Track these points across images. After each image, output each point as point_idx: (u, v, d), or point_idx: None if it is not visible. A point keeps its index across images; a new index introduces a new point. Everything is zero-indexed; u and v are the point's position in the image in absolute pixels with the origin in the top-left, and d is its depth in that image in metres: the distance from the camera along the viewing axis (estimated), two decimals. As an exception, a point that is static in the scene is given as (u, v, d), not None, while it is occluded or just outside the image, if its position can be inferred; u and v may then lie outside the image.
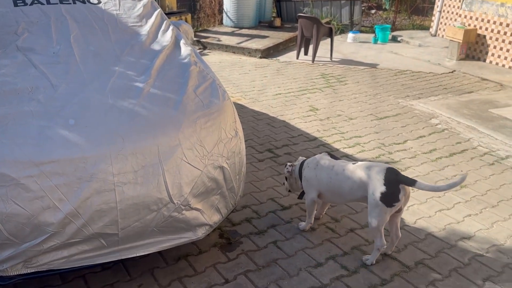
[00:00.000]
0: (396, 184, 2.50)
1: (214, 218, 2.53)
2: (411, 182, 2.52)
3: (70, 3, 3.11)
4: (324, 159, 2.87)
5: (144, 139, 2.19)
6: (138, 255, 2.29)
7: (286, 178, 3.13)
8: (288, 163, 3.08)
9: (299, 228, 3.04)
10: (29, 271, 2.08)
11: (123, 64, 2.68)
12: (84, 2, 3.16)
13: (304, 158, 3.07)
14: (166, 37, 3.07)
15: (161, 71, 2.67)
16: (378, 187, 2.51)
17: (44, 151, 2.03)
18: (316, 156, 2.96)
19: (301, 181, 2.97)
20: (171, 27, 3.24)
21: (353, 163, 2.75)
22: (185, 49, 2.99)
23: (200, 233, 2.44)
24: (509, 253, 2.87)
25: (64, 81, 2.43)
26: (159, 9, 3.41)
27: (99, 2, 3.21)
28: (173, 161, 2.24)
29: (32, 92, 2.30)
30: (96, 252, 2.17)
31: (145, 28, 3.13)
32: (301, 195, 3.04)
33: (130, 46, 2.90)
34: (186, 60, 2.86)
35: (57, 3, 3.07)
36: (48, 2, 3.06)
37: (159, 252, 2.69)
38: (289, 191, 3.19)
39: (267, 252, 2.81)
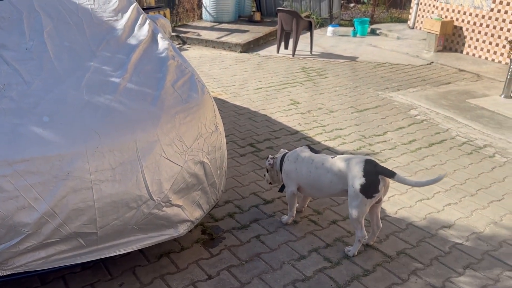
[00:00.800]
0: (375, 175, 2.52)
1: (196, 214, 2.50)
2: (390, 174, 2.53)
3: (43, -2, 3.02)
4: (305, 153, 2.87)
5: (121, 135, 2.15)
6: (118, 253, 2.25)
7: (267, 171, 3.13)
8: (270, 156, 3.07)
9: (281, 222, 3.03)
10: (5, 273, 2.02)
11: (98, 59, 2.62)
12: (57, -3, 3.07)
13: (286, 151, 3.06)
14: (142, 31, 3.01)
15: (138, 65, 2.62)
16: (357, 179, 2.52)
17: (17, 150, 1.97)
18: (296, 149, 2.96)
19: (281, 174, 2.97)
20: (147, 21, 3.18)
21: (332, 157, 2.75)
22: (162, 43, 2.94)
23: (182, 229, 2.41)
24: (488, 240, 2.93)
25: (38, 78, 2.36)
26: (135, 3, 3.35)
27: (73, -4, 3.12)
28: (152, 157, 2.20)
29: (4, 89, 2.23)
30: (75, 252, 2.13)
31: (121, 23, 3.07)
32: (282, 188, 3.04)
33: (106, 41, 2.83)
34: (163, 55, 2.81)
35: (29, -2, 2.98)
36: (20, -3, 2.97)
37: (140, 250, 2.65)
38: (270, 183, 3.18)
39: (250, 246, 2.80)
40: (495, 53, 7.55)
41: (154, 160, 2.21)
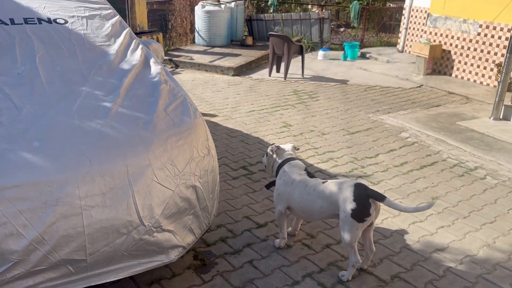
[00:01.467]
0: (365, 199, 2.51)
1: (188, 239, 2.47)
2: (381, 198, 2.53)
3: (36, 24, 3.03)
4: (300, 176, 2.84)
5: (112, 160, 2.13)
6: (108, 281, 2.20)
7: (266, 155, 3.09)
8: (275, 145, 3.04)
9: (275, 246, 3.00)
10: (-10, 303, 1.97)
11: (90, 84, 2.62)
12: (50, 22, 3.09)
13: (290, 156, 3.00)
14: (135, 56, 3.03)
15: (130, 90, 2.62)
16: (348, 203, 2.51)
17: (6, 176, 1.94)
18: (294, 171, 2.88)
19: (276, 174, 2.98)
20: (140, 46, 3.21)
21: (323, 182, 2.74)
22: (155, 68, 2.96)
23: (173, 255, 2.37)
24: (482, 263, 2.91)
25: (29, 103, 2.35)
26: (128, 28, 3.38)
27: (66, 22, 3.15)
28: (143, 182, 2.18)
29: (-6, 114, 2.21)
30: (64, 280, 2.08)
31: (114, 47, 3.08)
32: (269, 185, 3.05)
33: (98, 65, 2.84)
34: (156, 79, 2.82)
35: (22, 24, 2.99)
36: (13, 23, 2.97)
37: (131, 277, 2.60)
38: (265, 167, 3.17)
39: (243, 272, 2.76)
40: (483, 76, 7.69)
41: (145, 184, 2.19)
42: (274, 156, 3.02)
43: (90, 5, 3.43)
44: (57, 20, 3.11)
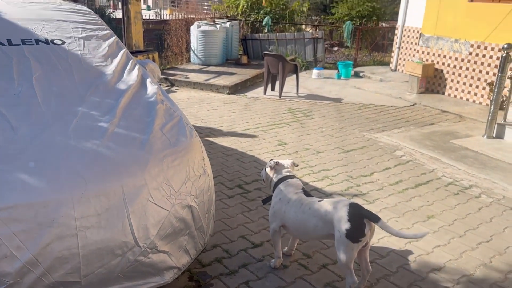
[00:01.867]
0: (360, 219, 2.50)
1: (183, 260, 2.45)
2: (375, 219, 2.51)
3: (33, 44, 3.06)
4: (297, 196, 2.83)
5: (108, 181, 2.13)
6: (102, 303, 2.17)
7: (265, 169, 3.08)
8: (275, 161, 3.03)
9: (270, 266, 2.98)
10: (-19, 327, 1.93)
11: (87, 104, 2.63)
12: (47, 43, 3.11)
13: (288, 174, 2.98)
14: (132, 76, 3.05)
15: (127, 110, 2.64)
16: (343, 224, 2.50)
17: (1, 196, 1.93)
18: (290, 190, 2.87)
19: (272, 190, 2.99)
20: (137, 66, 3.23)
21: (319, 201, 2.74)
22: (151, 88, 2.98)
23: (168, 277, 2.35)
24: (479, 283, 2.90)
25: (25, 123, 2.35)
26: (124, 49, 3.41)
27: (63, 43, 3.17)
28: (139, 202, 2.18)
29: (-10, 135, 2.21)
30: (57, 303, 2.05)
31: (111, 68, 3.11)
32: (266, 200, 3.05)
33: (95, 86, 2.86)
34: (152, 99, 2.84)
35: (19, 44, 3.01)
36: (10, 43, 3.00)
37: (126, 299, 2.56)
38: (263, 181, 3.17)
39: (238, 293, 2.73)
40: (475, 94, 7.79)
41: (141, 205, 2.18)
42: (272, 172, 3.03)
43: (87, 26, 3.46)
44: (54, 41, 3.13)
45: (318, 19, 16.73)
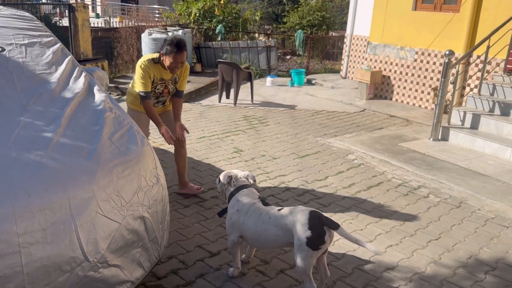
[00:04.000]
0: (320, 227, 2.50)
1: (136, 273, 2.36)
2: (335, 226, 2.52)
3: (-30, 51, 2.88)
4: (255, 206, 2.78)
5: (53, 193, 2.01)
6: (49, 324, 2.04)
7: (219, 180, 3.02)
8: (228, 175, 2.94)
9: (228, 275, 2.93)
10: None
11: (29, 113, 2.49)
12: (-15, 50, 2.94)
13: (243, 184, 2.93)
14: (78, 84, 2.93)
15: (73, 119, 2.52)
16: (303, 232, 2.49)
17: None
18: (247, 200, 2.82)
19: (228, 200, 2.93)
20: (83, 74, 3.11)
21: (279, 209, 2.72)
22: (99, 96, 2.87)
23: (121, 291, 2.25)
24: (430, 280, 3.00)
25: (-40, 135, 2.19)
26: (70, 56, 3.27)
27: (3, 50, 3.00)
28: (87, 215, 2.07)
29: None
30: (-1, 326, 1.90)
31: (55, 76, 2.96)
32: (222, 212, 2.99)
33: (38, 94, 2.71)
34: (100, 107, 2.73)
35: (-47, 51, 2.83)
36: None
37: (75, 317, 2.43)
38: (219, 192, 3.13)
39: (196, 304, 2.67)
40: (421, 99, 8.15)
41: (89, 218, 2.08)
42: (227, 182, 2.96)
43: (30, 33, 3.30)
44: (-7, 48, 2.96)
45: (270, 28, 16.98)
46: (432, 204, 4.17)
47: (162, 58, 3.66)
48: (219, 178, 3.03)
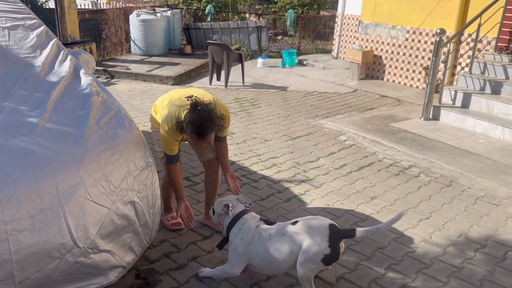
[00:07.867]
0: (338, 242, 2.40)
1: (127, 258, 2.35)
2: (352, 234, 2.43)
3: (-51, 35, 2.79)
4: (260, 229, 2.57)
5: (40, 180, 1.98)
6: (41, 310, 2.04)
7: (213, 211, 2.77)
8: (225, 204, 2.68)
9: (221, 252, 2.94)
10: None
11: (14, 99, 2.43)
12: (-34, 34, 2.85)
13: (242, 210, 2.68)
14: (63, 68, 2.86)
15: (59, 103, 2.47)
16: (322, 249, 2.36)
17: None
18: (251, 226, 2.59)
19: (226, 232, 2.69)
20: (69, 57, 3.04)
21: (292, 223, 2.52)
22: (85, 79, 2.81)
23: (112, 276, 2.25)
24: (420, 258, 3.04)
25: None
26: (55, 39, 3.19)
27: (-16, 33, 2.92)
28: (76, 201, 2.05)
29: None
30: (-11, 314, 1.90)
31: (40, 59, 2.89)
32: (222, 244, 2.73)
33: (23, 78, 2.65)
34: (86, 91, 2.68)
35: None
36: None
37: (68, 303, 2.43)
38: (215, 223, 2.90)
39: (189, 287, 2.67)
40: (412, 79, 8.14)
41: (78, 204, 2.06)
42: (224, 212, 2.69)
43: (12, 15, 3.20)
44: (-26, 31, 2.87)
45: (261, 7, 16.73)
46: (423, 184, 4.20)
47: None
48: (213, 210, 2.78)
